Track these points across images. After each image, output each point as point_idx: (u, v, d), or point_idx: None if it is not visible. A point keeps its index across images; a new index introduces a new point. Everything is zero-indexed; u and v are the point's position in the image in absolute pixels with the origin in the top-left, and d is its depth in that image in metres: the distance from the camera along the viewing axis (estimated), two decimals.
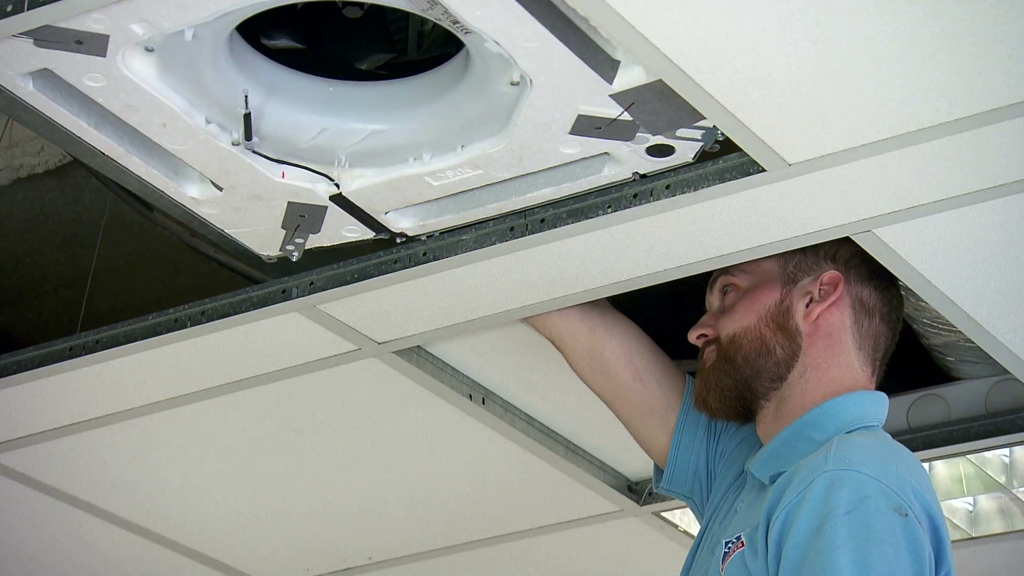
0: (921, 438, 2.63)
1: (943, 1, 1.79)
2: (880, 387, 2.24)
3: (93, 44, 1.93)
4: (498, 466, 2.85)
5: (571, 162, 2.12)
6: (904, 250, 2.17)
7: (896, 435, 2.41)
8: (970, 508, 2.92)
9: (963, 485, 2.84)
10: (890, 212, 2.10)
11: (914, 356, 2.57)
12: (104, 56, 1.94)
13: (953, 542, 2.30)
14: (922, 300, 2.31)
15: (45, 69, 1.98)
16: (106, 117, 2.07)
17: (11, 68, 1.97)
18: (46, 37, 1.91)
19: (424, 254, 2.30)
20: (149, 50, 1.96)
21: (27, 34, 1.91)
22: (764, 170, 2.06)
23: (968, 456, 2.76)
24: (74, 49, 1.93)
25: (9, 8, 1.87)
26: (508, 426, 2.73)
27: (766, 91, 1.92)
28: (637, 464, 2.86)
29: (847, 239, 2.18)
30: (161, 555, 3.11)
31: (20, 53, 1.94)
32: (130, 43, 1.94)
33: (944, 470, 2.83)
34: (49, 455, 2.81)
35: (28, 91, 2.00)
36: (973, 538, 2.93)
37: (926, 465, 2.76)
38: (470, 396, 2.66)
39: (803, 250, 2.20)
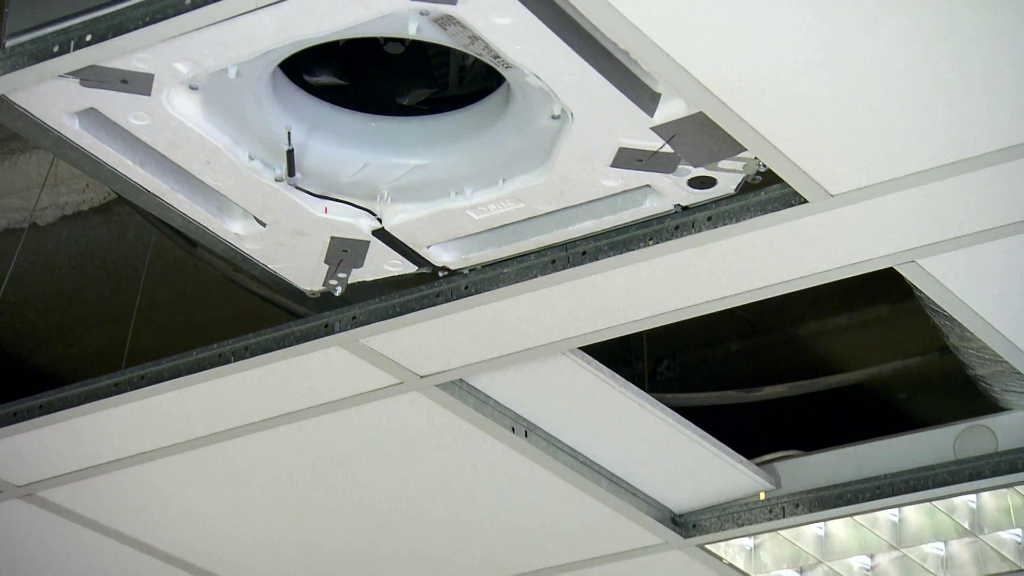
0: (968, 469, 2.61)
1: (985, 33, 1.78)
2: (927, 418, 2.22)
3: (138, 83, 1.95)
4: (541, 499, 2.84)
5: (612, 195, 2.13)
6: (949, 280, 2.16)
7: (942, 467, 2.40)
8: (1019, 540, 2.89)
9: (1011, 517, 2.81)
10: (934, 242, 2.10)
11: (960, 386, 2.55)
12: (149, 95, 1.96)
13: (1003, 574, 2.28)
14: (968, 330, 2.29)
15: (91, 108, 2.00)
16: (151, 155, 2.09)
17: (57, 108, 1.99)
18: (92, 77, 1.94)
19: (466, 287, 2.30)
20: (193, 88, 1.98)
21: (73, 74, 1.93)
22: (806, 201, 2.06)
23: (1016, 487, 2.73)
24: (119, 88, 1.96)
25: (56, 49, 1.89)
26: (551, 459, 2.72)
27: (808, 122, 1.92)
28: (681, 496, 2.85)
29: None
30: None
31: (66, 93, 1.97)
32: (174, 82, 1.96)
33: (992, 501, 2.81)
34: (95, 491, 2.83)
35: (74, 130, 2.02)
36: (1021, 570, 2.90)
37: (973, 497, 2.73)
38: (513, 429, 2.66)
39: None
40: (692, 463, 2.76)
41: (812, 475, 2.79)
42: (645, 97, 1.94)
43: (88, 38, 1.88)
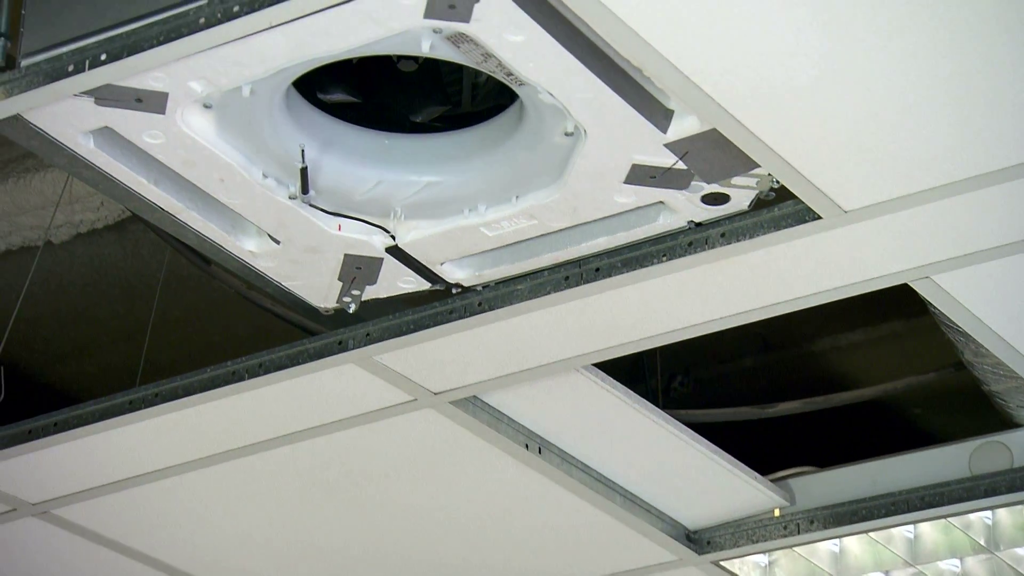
0: (984, 485, 2.60)
1: (998, 50, 1.78)
2: (942, 434, 2.22)
3: (153, 102, 1.95)
4: (555, 515, 2.84)
5: (626, 211, 2.13)
6: (964, 296, 2.16)
7: (958, 483, 2.39)
8: None
9: None
10: (949, 258, 2.09)
11: (975, 402, 2.54)
12: (163, 113, 1.97)
13: None
14: (983, 346, 2.29)
15: (105, 127, 2.01)
16: (165, 173, 2.10)
17: (72, 126, 2.00)
18: (107, 96, 1.94)
19: (480, 304, 2.30)
20: (207, 107, 1.99)
21: (88, 93, 1.94)
22: (820, 217, 2.05)
23: None
24: (134, 107, 1.96)
25: (71, 68, 1.90)
26: (565, 475, 2.72)
27: (821, 139, 1.92)
28: (695, 513, 2.84)
29: None
30: None
31: (81, 112, 1.97)
32: (189, 100, 1.96)
33: (1008, 518, 2.80)
34: (109, 508, 2.83)
35: (89, 149, 2.03)
36: None
37: (989, 513, 2.72)
38: (526, 445, 2.66)
39: None
40: (706, 479, 2.76)
41: (827, 491, 2.78)
42: (658, 114, 1.94)
43: (103, 57, 1.88)
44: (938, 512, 2.68)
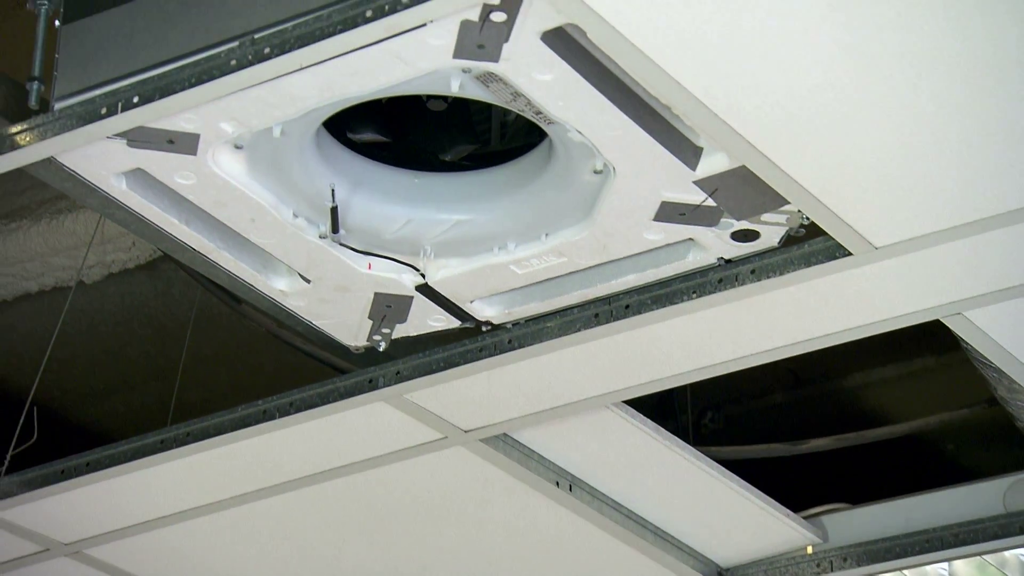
0: (1019, 523, 2.58)
1: None
2: (976, 471, 2.20)
3: (184, 143, 1.97)
4: (586, 553, 2.83)
5: (655, 248, 2.13)
6: (996, 332, 2.15)
7: (992, 520, 2.37)
8: None
9: None
10: (981, 294, 2.08)
11: (1009, 438, 2.53)
12: (195, 154, 1.98)
13: None
14: (1016, 382, 2.27)
15: (138, 168, 2.02)
16: (196, 213, 2.11)
17: (105, 168, 2.02)
18: (139, 137, 1.96)
19: (509, 342, 2.30)
20: (238, 147, 2.00)
21: (121, 135, 1.95)
22: (850, 254, 2.05)
23: None
24: (166, 148, 1.98)
25: (104, 111, 1.92)
26: (596, 512, 2.71)
27: (851, 175, 1.92)
28: (727, 550, 2.82)
29: None
30: None
31: (114, 154, 1.99)
32: (220, 141, 1.97)
33: None
34: (141, 548, 2.83)
35: (121, 190, 2.05)
36: None
37: (1023, 551, 2.70)
38: (557, 483, 2.65)
39: None
40: (738, 516, 2.74)
41: (860, 528, 2.76)
42: (687, 151, 1.94)
43: (135, 100, 1.90)
44: (973, 549, 2.65)
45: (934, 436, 3.09)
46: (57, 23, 2.01)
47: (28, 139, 1.97)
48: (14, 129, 1.99)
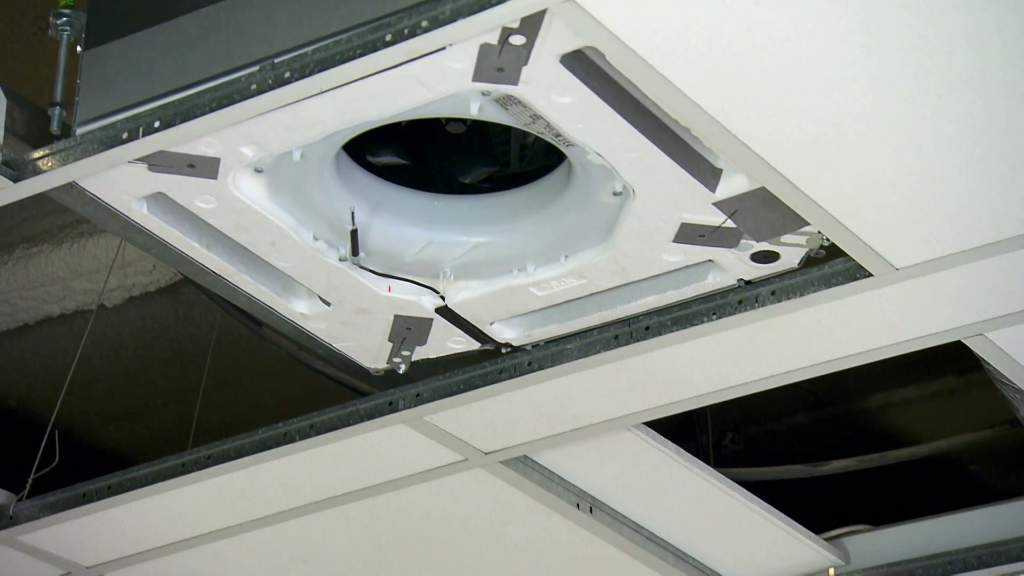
0: None
1: None
2: (999, 492, 2.19)
3: (205, 167, 1.98)
4: (607, 575, 2.82)
5: (675, 270, 2.13)
6: (1018, 353, 2.14)
7: (1016, 542, 2.35)
8: None
9: None
10: (1002, 315, 2.07)
11: None
12: (215, 178, 1.99)
13: None
14: None
15: (158, 192, 2.03)
16: (217, 237, 2.12)
17: (126, 193, 2.02)
18: (160, 162, 1.97)
19: (529, 364, 2.30)
20: (258, 171, 2.01)
21: (142, 160, 1.96)
22: (871, 275, 2.04)
23: None
24: (186, 172, 1.98)
25: (125, 136, 1.93)
26: (616, 535, 2.70)
27: (871, 196, 1.91)
28: (748, 573, 2.81)
29: None
30: None
31: (135, 178, 2.00)
32: (240, 165, 1.98)
33: None
34: (162, 571, 2.83)
35: (142, 214, 2.05)
36: None
37: None
38: (578, 505, 2.65)
39: None
40: (759, 538, 2.73)
41: (882, 550, 2.75)
42: (707, 173, 1.94)
43: (156, 124, 1.91)
44: (996, 572, 2.64)
45: (956, 457, 3.08)
46: (79, 49, 2.02)
47: (50, 164, 1.98)
48: (36, 154, 2.00)
